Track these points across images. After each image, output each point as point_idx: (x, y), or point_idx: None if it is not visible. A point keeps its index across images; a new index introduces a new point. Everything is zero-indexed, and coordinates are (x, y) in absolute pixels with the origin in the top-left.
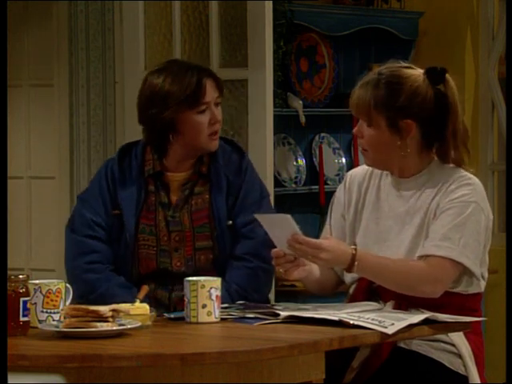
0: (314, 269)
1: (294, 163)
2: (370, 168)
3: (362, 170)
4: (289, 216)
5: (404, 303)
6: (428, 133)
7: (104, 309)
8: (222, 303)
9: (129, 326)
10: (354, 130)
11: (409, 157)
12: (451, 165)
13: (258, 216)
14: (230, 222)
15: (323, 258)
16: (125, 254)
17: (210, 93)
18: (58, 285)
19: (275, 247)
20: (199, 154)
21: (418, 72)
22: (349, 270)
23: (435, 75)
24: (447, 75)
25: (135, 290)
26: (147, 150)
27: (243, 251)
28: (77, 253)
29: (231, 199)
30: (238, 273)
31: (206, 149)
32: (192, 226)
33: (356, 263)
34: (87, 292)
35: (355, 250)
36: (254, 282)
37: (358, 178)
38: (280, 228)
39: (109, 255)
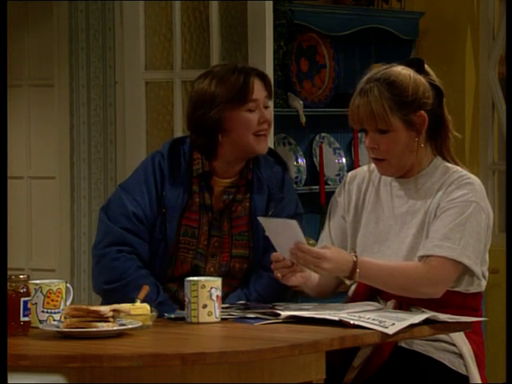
0: (312, 275)
1: (295, 163)
2: (371, 168)
3: (361, 170)
4: (294, 222)
5: (405, 302)
6: (433, 122)
7: (105, 309)
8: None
9: (129, 326)
10: (367, 143)
11: (420, 152)
12: (450, 165)
13: (261, 219)
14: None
15: (325, 267)
16: (163, 255)
17: (259, 92)
18: (59, 285)
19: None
20: (248, 157)
21: (401, 67)
22: (350, 277)
23: (417, 65)
24: (425, 65)
25: (160, 287)
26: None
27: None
28: (110, 241)
29: (270, 211)
30: (261, 282)
31: (254, 149)
32: (231, 232)
33: (357, 271)
34: (114, 279)
35: (356, 257)
36: (274, 292)
37: (357, 179)
38: (284, 233)
39: (142, 250)
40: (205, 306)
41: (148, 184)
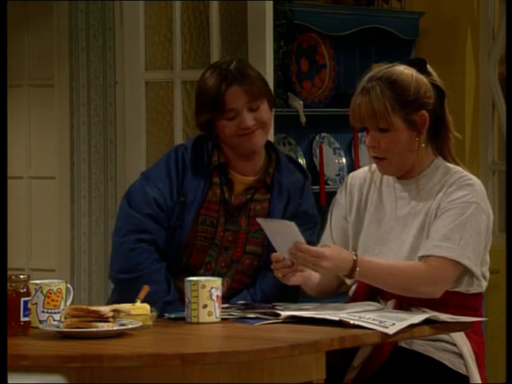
0: (313, 275)
1: None
2: (372, 169)
3: (362, 172)
4: (293, 223)
5: (405, 302)
6: (434, 122)
7: (105, 309)
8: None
9: (129, 326)
10: (367, 142)
11: (421, 152)
12: (451, 165)
13: (260, 221)
14: None
15: (325, 266)
16: (180, 242)
17: (237, 100)
18: (59, 285)
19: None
20: (249, 153)
21: (403, 66)
22: (350, 276)
23: (419, 65)
24: (427, 65)
25: (172, 285)
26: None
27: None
28: (129, 229)
29: (287, 215)
30: (267, 281)
31: (242, 149)
32: (248, 229)
33: (357, 269)
34: (128, 270)
35: (356, 256)
36: (279, 292)
37: (358, 180)
38: (282, 235)
39: (160, 237)
40: (205, 306)
41: (170, 173)
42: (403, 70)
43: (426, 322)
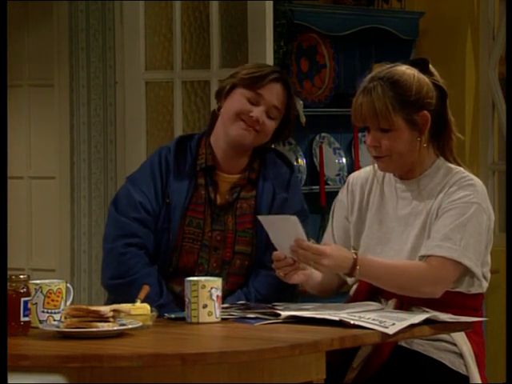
0: (315, 273)
1: (295, 163)
2: (373, 170)
3: (364, 172)
4: (294, 217)
5: (406, 302)
6: (436, 122)
7: (105, 309)
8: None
9: (130, 326)
10: (369, 142)
11: (422, 152)
12: (453, 166)
13: (261, 218)
14: None
15: (325, 264)
16: (167, 244)
17: (271, 95)
18: (59, 285)
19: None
20: (235, 146)
21: (405, 66)
22: (350, 274)
23: (421, 65)
24: (430, 65)
25: (164, 287)
26: (202, 144)
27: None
28: (117, 234)
29: (274, 211)
30: (260, 280)
31: (233, 136)
32: (235, 228)
33: (358, 268)
34: (119, 275)
35: (356, 254)
36: (274, 291)
37: (360, 181)
38: (283, 230)
39: (149, 241)
40: (205, 306)
41: (154, 176)
42: (405, 70)
43: (426, 321)
